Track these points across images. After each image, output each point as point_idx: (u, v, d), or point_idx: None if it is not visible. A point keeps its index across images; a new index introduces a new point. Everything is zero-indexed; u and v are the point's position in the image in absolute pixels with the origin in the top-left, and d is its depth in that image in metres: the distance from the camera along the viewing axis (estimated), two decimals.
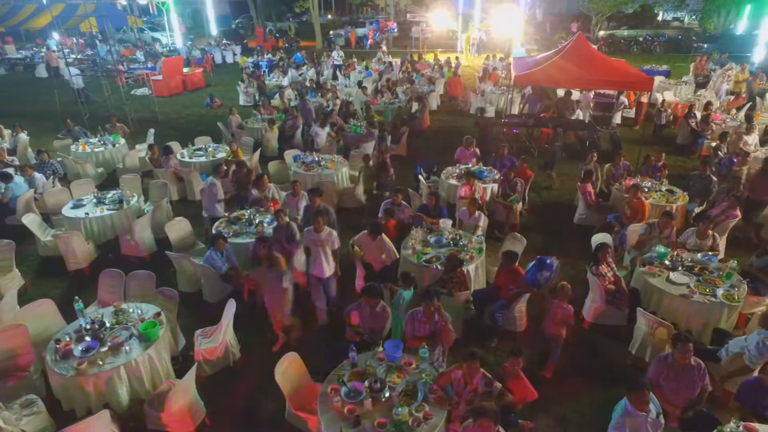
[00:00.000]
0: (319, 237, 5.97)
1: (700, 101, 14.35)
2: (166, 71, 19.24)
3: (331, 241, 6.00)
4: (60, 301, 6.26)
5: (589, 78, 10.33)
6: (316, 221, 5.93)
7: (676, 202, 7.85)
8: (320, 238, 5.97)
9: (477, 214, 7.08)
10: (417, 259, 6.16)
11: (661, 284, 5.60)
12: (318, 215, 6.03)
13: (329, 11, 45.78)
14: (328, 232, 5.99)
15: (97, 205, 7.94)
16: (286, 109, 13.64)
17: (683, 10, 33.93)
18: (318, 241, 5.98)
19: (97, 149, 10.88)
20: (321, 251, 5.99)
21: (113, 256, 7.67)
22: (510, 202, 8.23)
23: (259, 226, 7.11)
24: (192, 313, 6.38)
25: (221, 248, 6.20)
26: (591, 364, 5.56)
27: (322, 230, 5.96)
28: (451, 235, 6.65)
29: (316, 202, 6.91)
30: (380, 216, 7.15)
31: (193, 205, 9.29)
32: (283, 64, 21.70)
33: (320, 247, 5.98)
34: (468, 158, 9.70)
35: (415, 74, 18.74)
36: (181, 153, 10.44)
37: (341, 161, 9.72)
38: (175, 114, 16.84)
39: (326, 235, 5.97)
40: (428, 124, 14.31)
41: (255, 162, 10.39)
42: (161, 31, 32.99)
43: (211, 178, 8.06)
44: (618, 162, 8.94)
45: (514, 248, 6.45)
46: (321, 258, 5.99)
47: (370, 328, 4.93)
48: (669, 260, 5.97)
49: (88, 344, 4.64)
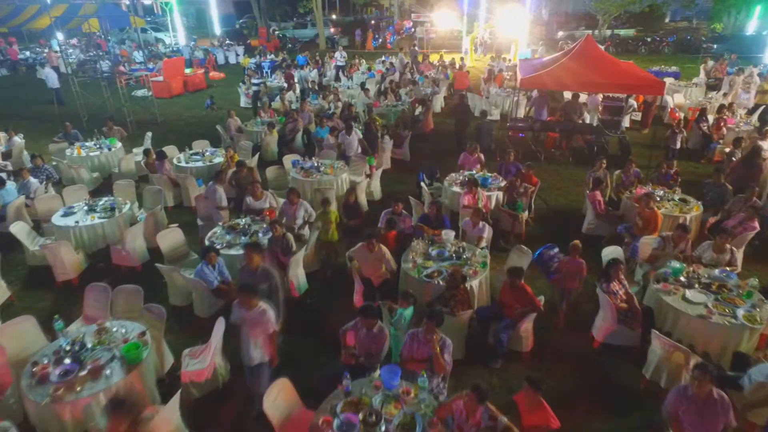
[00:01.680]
0: (247, 315, 4.46)
1: (711, 104, 13.93)
2: (167, 72, 19.03)
3: (263, 323, 4.47)
4: (45, 315, 6.06)
5: (598, 81, 10.00)
6: (246, 294, 4.46)
7: (690, 212, 7.50)
8: (249, 316, 4.45)
9: (481, 224, 6.76)
10: (417, 273, 5.86)
11: (676, 303, 5.27)
12: (247, 291, 4.46)
13: (333, 11, 45.53)
14: (261, 311, 4.46)
15: (88, 212, 7.68)
16: (287, 112, 13.36)
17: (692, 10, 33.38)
18: (246, 320, 4.48)
19: (93, 153, 10.63)
20: (249, 333, 4.48)
21: (104, 266, 7.43)
22: (516, 210, 7.92)
23: (254, 236, 6.82)
24: (182, 329, 6.11)
25: (213, 261, 5.92)
26: (602, 387, 5.23)
27: (254, 306, 4.44)
28: (453, 247, 6.34)
29: (254, 261, 5.15)
30: (380, 226, 6.87)
31: (189, 212, 9.04)
32: (286, 65, 21.45)
33: (249, 329, 4.48)
34: (472, 164, 9.39)
35: (418, 75, 18.44)
36: (177, 158, 10.19)
37: (341, 167, 9.42)
38: (175, 116, 16.62)
39: (258, 314, 4.44)
40: (431, 126, 14.01)
41: (253, 166, 10.12)
42: (164, 31, 32.87)
43: (212, 183, 7.86)
44: (628, 169, 8.59)
45: (520, 263, 6.14)
46: (249, 342, 4.49)
47: (366, 350, 4.63)
48: (684, 277, 5.63)
49: (66, 367, 4.37)
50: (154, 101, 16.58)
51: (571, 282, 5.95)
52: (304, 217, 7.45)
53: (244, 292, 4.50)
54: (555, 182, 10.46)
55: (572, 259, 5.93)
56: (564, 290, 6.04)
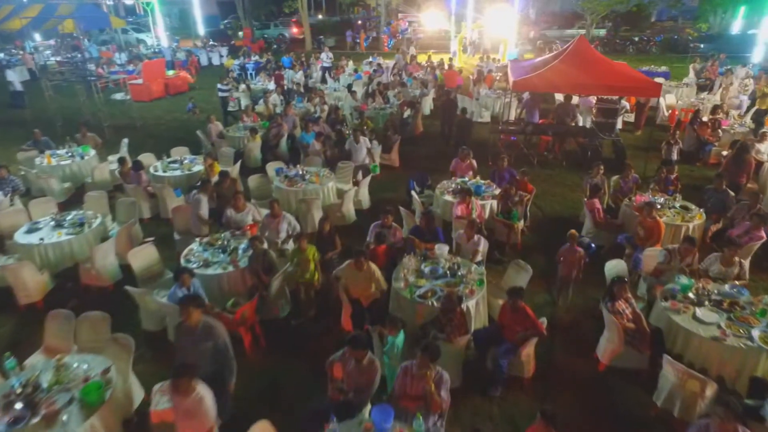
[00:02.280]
0: (180, 404, 3.78)
1: (704, 105, 13.72)
2: (146, 75, 18.35)
3: (199, 416, 3.77)
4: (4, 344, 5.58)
5: (591, 83, 9.68)
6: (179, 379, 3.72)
7: (692, 220, 7.18)
8: (182, 406, 3.78)
9: (476, 237, 6.37)
10: (410, 293, 5.44)
11: (687, 323, 4.92)
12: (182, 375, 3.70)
13: (319, 11, 44.97)
14: (198, 399, 3.74)
15: (55, 228, 7.14)
16: (271, 116, 12.87)
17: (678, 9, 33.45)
18: (178, 410, 3.84)
19: (64, 162, 10.03)
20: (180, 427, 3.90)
21: (72, 286, 6.90)
22: (511, 219, 7.55)
23: (233, 253, 6.34)
24: (156, 356, 5.63)
25: (186, 283, 5.43)
26: (610, 415, 4.87)
27: (190, 392, 3.74)
28: (448, 263, 5.94)
29: (192, 318, 4.27)
30: (369, 241, 6.44)
31: (166, 225, 8.49)
32: (271, 67, 20.91)
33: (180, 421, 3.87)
34: (464, 171, 9.00)
35: (407, 77, 18.03)
36: (154, 166, 9.65)
37: (327, 175, 8.97)
38: (154, 120, 16.00)
39: (193, 403, 3.75)
40: (421, 129, 13.62)
41: (235, 174, 9.64)
42: (146, 32, 32.05)
43: (196, 192, 7.42)
44: (626, 175, 8.27)
45: (518, 279, 5.78)
46: None
47: (355, 384, 4.20)
48: (693, 293, 5.29)
49: (17, 413, 3.87)
50: (132, 105, 15.97)
51: (568, 269, 6.21)
52: (288, 231, 7.01)
53: (178, 376, 3.65)
54: (549, 187, 10.12)
55: (571, 247, 6.18)
56: (563, 279, 6.30)
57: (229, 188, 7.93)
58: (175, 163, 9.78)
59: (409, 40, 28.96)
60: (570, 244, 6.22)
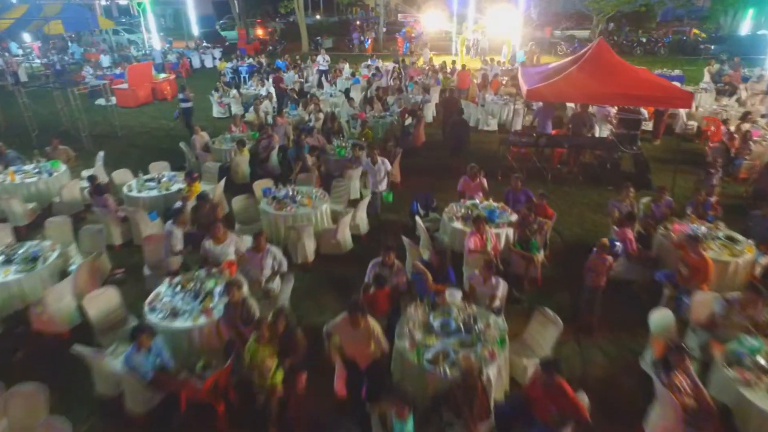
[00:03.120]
0: None
1: (727, 112, 12.77)
2: (132, 79, 17.33)
3: None
4: None
5: (614, 92, 8.70)
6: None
7: (742, 254, 6.19)
8: None
9: (494, 280, 5.41)
10: (417, 357, 4.47)
11: (764, 403, 3.96)
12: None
13: (316, 11, 44.03)
14: None
15: (3, 265, 6.16)
16: (261, 125, 11.88)
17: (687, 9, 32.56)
18: None
19: (29, 179, 9.03)
20: None
21: (22, 332, 5.93)
22: (529, 250, 6.59)
23: (207, 299, 5.36)
24: (109, 429, 4.67)
25: (145, 345, 4.47)
26: None
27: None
28: (461, 314, 4.97)
29: None
30: (367, 283, 5.46)
31: (140, 252, 7.51)
32: (265, 70, 19.92)
33: None
34: (473, 191, 8.01)
35: (408, 81, 17.02)
36: (128, 185, 8.67)
37: (321, 196, 7.99)
38: (139, 128, 15.01)
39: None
40: (423, 140, 12.62)
41: (219, 194, 8.68)
42: (138, 33, 31.05)
43: (170, 222, 6.46)
44: (660, 197, 7.31)
45: (545, 334, 4.82)
46: None
47: None
48: (765, 358, 4.33)
49: None
50: (116, 111, 14.98)
51: (597, 279, 5.81)
52: (273, 267, 6.05)
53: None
54: (566, 207, 9.15)
55: (599, 255, 5.76)
56: (591, 291, 5.85)
57: (207, 215, 6.96)
58: (152, 181, 8.78)
59: (424, 44, 27.90)
60: (598, 252, 5.77)
